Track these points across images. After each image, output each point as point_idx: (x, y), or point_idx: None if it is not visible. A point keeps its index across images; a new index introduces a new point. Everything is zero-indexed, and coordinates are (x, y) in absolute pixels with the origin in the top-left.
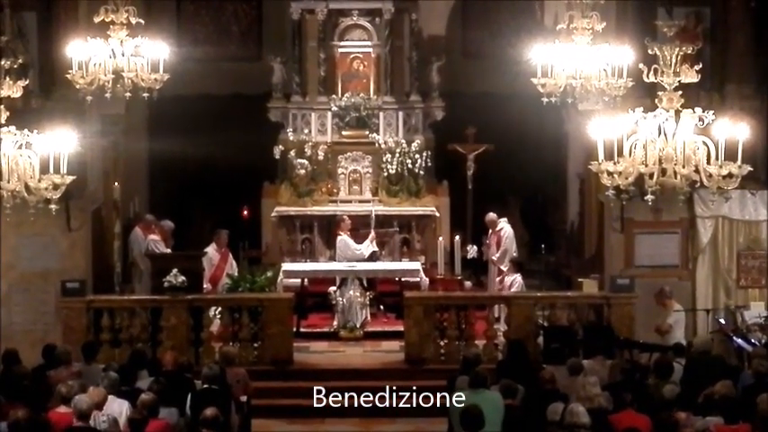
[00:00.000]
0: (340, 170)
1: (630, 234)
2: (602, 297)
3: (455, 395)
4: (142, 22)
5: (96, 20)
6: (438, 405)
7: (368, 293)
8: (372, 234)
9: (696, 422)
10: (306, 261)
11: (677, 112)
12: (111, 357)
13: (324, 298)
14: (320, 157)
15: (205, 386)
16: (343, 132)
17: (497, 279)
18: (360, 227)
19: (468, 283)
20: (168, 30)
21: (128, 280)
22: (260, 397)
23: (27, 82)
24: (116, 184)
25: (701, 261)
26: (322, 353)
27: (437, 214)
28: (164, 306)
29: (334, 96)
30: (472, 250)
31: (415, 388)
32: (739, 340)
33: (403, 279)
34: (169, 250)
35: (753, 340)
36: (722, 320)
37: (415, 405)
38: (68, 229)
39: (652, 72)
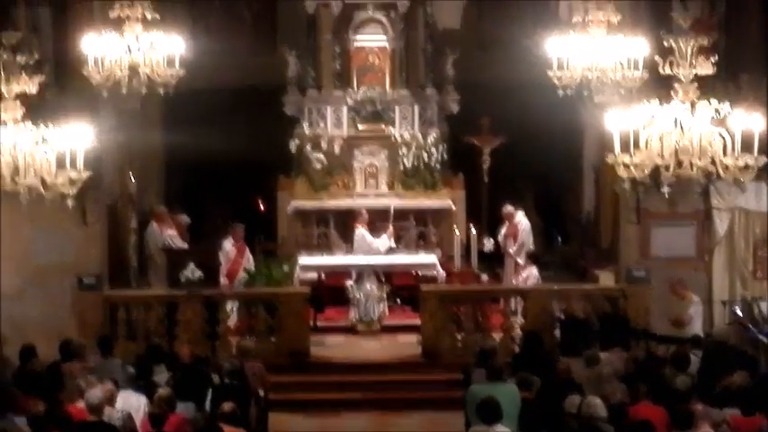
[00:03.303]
0: (356, 164)
1: (646, 225)
2: (618, 289)
3: (471, 388)
4: (158, 17)
5: (111, 15)
6: (454, 398)
7: (384, 287)
8: (390, 229)
9: (713, 413)
10: (322, 255)
11: (693, 104)
12: (128, 351)
13: (340, 292)
14: (336, 151)
15: (225, 381)
16: (359, 126)
17: (514, 272)
18: (377, 220)
19: (484, 276)
20: (182, 23)
21: (144, 274)
22: (277, 391)
23: (43, 78)
24: (132, 178)
25: (717, 252)
26: (339, 346)
27: (453, 207)
28: (180, 300)
29: (349, 90)
30: (488, 243)
31: (431, 381)
32: (756, 331)
33: (419, 272)
34: (186, 245)
35: None
36: (738, 312)
37: (431, 398)
38: (84, 224)
39: (668, 64)
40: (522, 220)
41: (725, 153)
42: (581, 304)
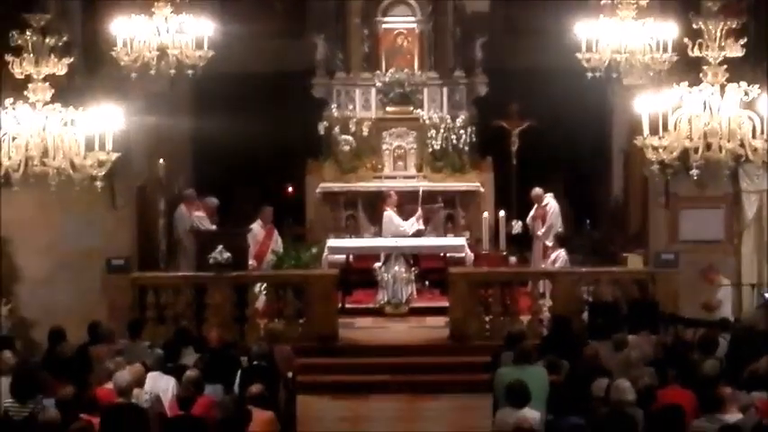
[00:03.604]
0: (384, 146)
1: (675, 209)
2: (646, 272)
3: (500, 371)
4: None
5: None
6: (482, 381)
7: (413, 269)
8: (419, 212)
9: (741, 397)
10: (350, 237)
11: (722, 87)
12: (157, 334)
13: (369, 274)
14: (364, 134)
15: (254, 363)
16: (388, 108)
17: (542, 255)
18: (405, 203)
19: (512, 259)
20: (211, 6)
21: (173, 257)
22: (305, 373)
23: (72, 60)
24: (160, 161)
25: (746, 236)
26: (367, 329)
27: (481, 190)
28: (208, 283)
29: (378, 72)
30: (517, 226)
31: (459, 364)
32: None
33: (448, 255)
34: (214, 227)
35: None
36: (767, 295)
37: (459, 381)
38: (113, 207)
39: (697, 46)
40: (550, 202)
41: (754, 135)
42: (609, 288)
